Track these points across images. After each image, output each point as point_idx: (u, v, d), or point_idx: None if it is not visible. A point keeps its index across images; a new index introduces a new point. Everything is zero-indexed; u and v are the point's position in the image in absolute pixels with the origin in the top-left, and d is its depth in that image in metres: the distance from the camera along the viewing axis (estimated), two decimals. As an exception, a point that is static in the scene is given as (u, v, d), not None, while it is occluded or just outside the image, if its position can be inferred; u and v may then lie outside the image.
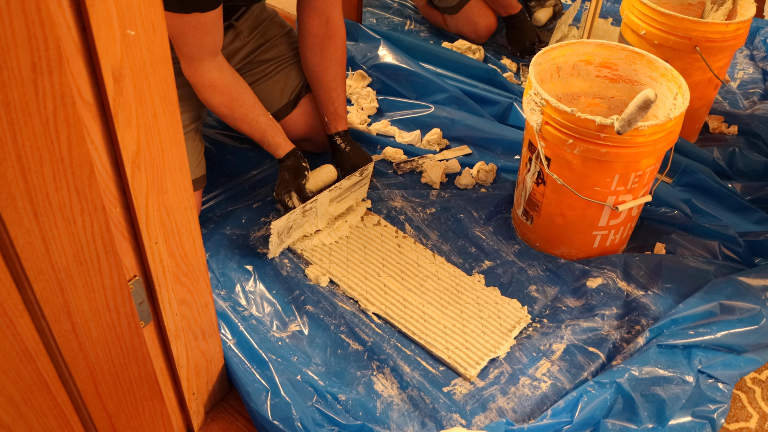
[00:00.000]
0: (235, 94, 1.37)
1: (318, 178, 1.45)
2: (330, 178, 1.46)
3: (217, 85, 1.35)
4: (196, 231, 0.88)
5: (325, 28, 1.49)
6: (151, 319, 0.88)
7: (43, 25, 0.56)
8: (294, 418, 1.04)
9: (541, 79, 1.38)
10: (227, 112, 1.38)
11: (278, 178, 1.44)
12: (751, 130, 1.77)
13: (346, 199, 1.46)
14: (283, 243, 1.38)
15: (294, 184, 1.41)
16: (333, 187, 1.39)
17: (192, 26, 1.25)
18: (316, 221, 1.41)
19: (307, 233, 1.42)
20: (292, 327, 1.25)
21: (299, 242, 1.41)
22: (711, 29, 1.54)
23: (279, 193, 1.42)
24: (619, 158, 1.22)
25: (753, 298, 1.26)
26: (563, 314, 1.30)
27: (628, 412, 1.09)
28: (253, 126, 1.41)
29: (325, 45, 1.50)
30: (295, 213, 1.34)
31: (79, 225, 0.69)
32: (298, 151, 1.44)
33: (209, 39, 1.29)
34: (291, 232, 1.37)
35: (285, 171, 1.43)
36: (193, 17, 1.24)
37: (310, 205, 1.36)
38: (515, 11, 2.10)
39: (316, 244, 1.41)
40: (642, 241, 1.49)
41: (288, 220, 1.33)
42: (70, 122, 0.63)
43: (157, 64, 0.70)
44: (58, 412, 0.82)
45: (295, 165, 1.43)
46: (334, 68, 1.52)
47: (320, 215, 1.41)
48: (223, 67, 1.36)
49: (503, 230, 1.49)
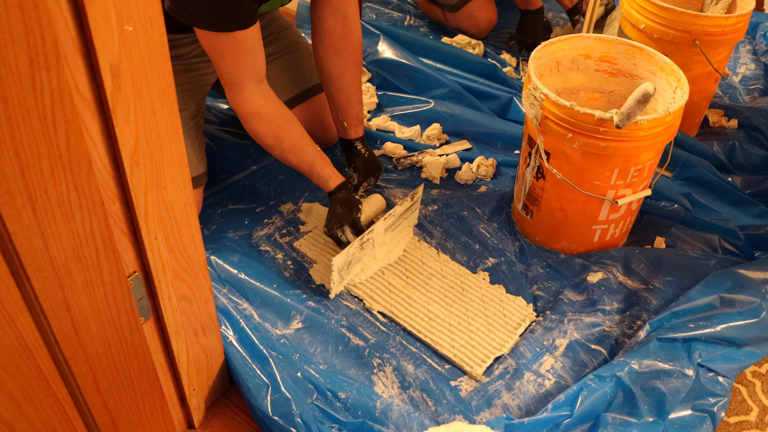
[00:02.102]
0: (282, 123, 1.30)
1: (368, 209, 1.38)
2: (380, 208, 1.40)
3: (262, 112, 1.29)
4: (196, 227, 0.88)
5: (342, 26, 1.43)
6: (150, 314, 0.88)
7: (40, 21, 0.56)
8: (294, 413, 1.04)
9: (541, 73, 1.37)
10: (274, 142, 1.31)
11: (329, 212, 1.35)
12: (751, 123, 1.77)
13: (400, 225, 1.38)
14: (343, 280, 1.30)
15: (349, 219, 1.32)
16: (387, 215, 1.30)
17: (231, 47, 1.20)
18: (373, 252, 1.34)
19: (367, 267, 1.34)
20: (293, 324, 1.25)
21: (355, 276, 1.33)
22: (710, 23, 1.53)
23: (331, 227, 1.33)
24: (619, 152, 1.22)
25: (753, 291, 1.26)
26: (566, 306, 1.30)
27: (628, 406, 1.10)
28: (302, 157, 1.33)
29: (343, 44, 1.45)
30: (353, 247, 1.26)
31: (77, 221, 0.69)
32: (348, 183, 1.37)
33: (250, 60, 1.23)
34: (350, 268, 1.29)
35: (337, 204, 1.34)
36: (232, 37, 1.19)
37: (367, 237, 1.28)
38: (534, 8, 2.09)
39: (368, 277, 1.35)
40: (642, 235, 1.49)
41: (348, 254, 1.25)
42: (68, 118, 0.63)
43: (155, 59, 0.70)
44: (58, 408, 0.83)
45: (348, 198, 1.34)
46: (352, 70, 1.47)
47: (377, 246, 1.34)
48: (268, 94, 1.30)
49: (506, 226, 1.49)
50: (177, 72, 1.37)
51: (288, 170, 1.61)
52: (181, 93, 1.38)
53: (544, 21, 2.13)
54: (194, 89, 1.41)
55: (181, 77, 1.39)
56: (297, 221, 1.48)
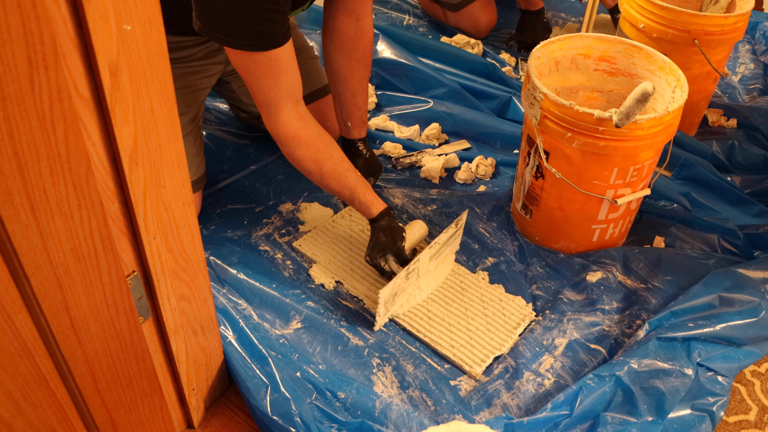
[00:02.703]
0: (321, 147, 1.25)
1: (411, 237, 1.32)
2: (423, 234, 1.36)
3: (301, 136, 1.23)
4: (195, 226, 0.88)
5: (355, 26, 1.41)
6: (150, 314, 0.88)
7: (38, 19, 0.56)
8: (293, 413, 1.04)
9: (540, 72, 1.37)
10: (314, 167, 1.25)
11: (372, 240, 1.29)
12: (750, 123, 1.77)
13: (443, 252, 1.33)
14: (388, 312, 1.25)
15: (393, 248, 1.27)
16: (432, 244, 1.26)
17: (265, 66, 1.15)
18: (418, 282, 1.28)
19: (411, 297, 1.29)
20: (293, 324, 1.25)
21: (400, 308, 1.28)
22: (709, 22, 1.53)
23: (374, 256, 1.27)
24: (618, 151, 1.22)
25: (752, 290, 1.26)
26: (565, 306, 1.30)
27: (627, 405, 1.10)
28: (342, 182, 1.27)
29: (355, 46, 1.43)
30: (399, 278, 1.21)
31: (76, 220, 0.69)
32: (391, 210, 1.30)
33: (285, 80, 1.18)
34: (395, 299, 1.24)
35: (380, 233, 1.27)
36: (265, 56, 1.14)
37: (413, 267, 1.23)
38: (536, 8, 2.10)
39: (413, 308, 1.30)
40: (641, 235, 1.49)
41: (394, 286, 1.20)
42: (66, 117, 0.63)
43: (153, 59, 0.70)
44: (57, 408, 0.83)
45: (391, 225, 1.28)
46: (361, 72, 1.46)
47: (422, 275, 1.28)
48: (305, 116, 1.25)
49: (506, 226, 1.49)
50: (179, 75, 1.36)
51: (287, 170, 1.61)
52: (182, 96, 1.37)
53: (544, 21, 2.13)
54: (195, 92, 1.40)
55: (183, 80, 1.37)
56: (296, 221, 1.48)
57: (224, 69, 1.49)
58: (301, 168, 1.26)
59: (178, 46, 1.35)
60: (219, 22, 1.11)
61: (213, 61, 1.43)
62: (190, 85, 1.38)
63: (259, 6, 1.09)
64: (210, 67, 1.44)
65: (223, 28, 1.11)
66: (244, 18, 1.09)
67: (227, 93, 1.59)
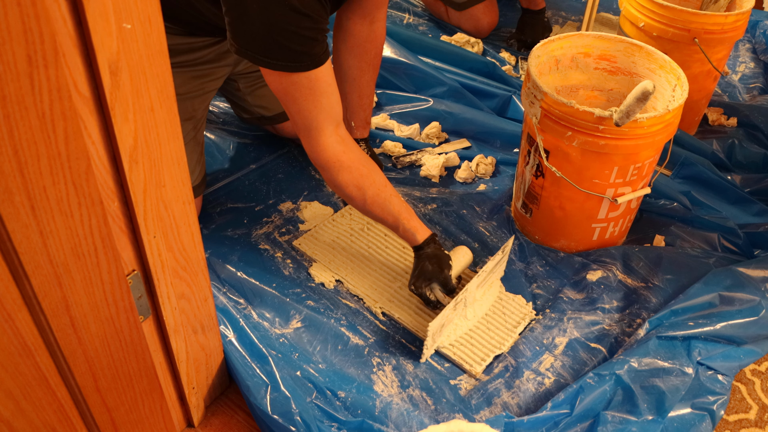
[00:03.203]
0: (364, 171, 1.20)
1: (457, 264, 1.27)
2: (468, 261, 1.31)
3: (343, 161, 1.18)
4: (195, 225, 0.88)
5: (368, 29, 1.40)
6: (150, 313, 0.88)
7: (38, 18, 0.56)
8: (294, 412, 1.04)
9: (540, 71, 1.37)
10: (356, 192, 1.20)
11: (417, 269, 1.23)
12: (751, 122, 1.77)
13: (489, 280, 1.28)
14: (435, 343, 1.21)
15: (440, 277, 1.22)
16: (480, 272, 1.21)
17: (305, 87, 1.11)
18: (464, 312, 1.24)
19: (458, 327, 1.25)
20: (293, 323, 1.24)
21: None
22: (710, 21, 1.53)
23: (419, 285, 1.22)
24: (618, 150, 1.22)
25: (752, 289, 1.26)
26: (565, 305, 1.30)
27: (627, 404, 1.09)
28: (386, 208, 1.22)
29: (367, 48, 1.41)
30: (448, 309, 1.16)
31: (76, 219, 0.69)
32: (435, 236, 1.26)
33: (325, 101, 1.14)
34: (443, 330, 1.20)
35: (426, 261, 1.22)
36: (305, 77, 1.09)
37: (461, 297, 1.19)
38: (537, 8, 2.10)
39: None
40: (641, 234, 1.49)
41: (443, 318, 1.16)
42: (66, 116, 0.63)
43: (153, 57, 0.70)
44: (57, 407, 0.82)
45: (437, 253, 1.23)
46: (370, 73, 1.45)
47: (469, 305, 1.24)
48: (347, 139, 1.20)
49: (506, 225, 1.49)
50: (188, 79, 1.34)
51: (287, 169, 1.61)
52: (190, 100, 1.35)
53: (544, 21, 2.13)
54: (203, 95, 1.38)
55: (191, 84, 1.35)
56: (296, 220, 1.48)
57: (232, 71, 1.47)
58: (343, 194, 1.22)
59: (189, 48, 1.32)
60: (257, 43, 1.07)
61: (222, 64, 1.41)
62: (198, 89, 1.37)
63: (299, 25, 1.05)
64: (219, 70, 1.42)
65: (262, 49, 1.07)
66: (285, 38, 1.05)
67: (232, 92, 1.56)
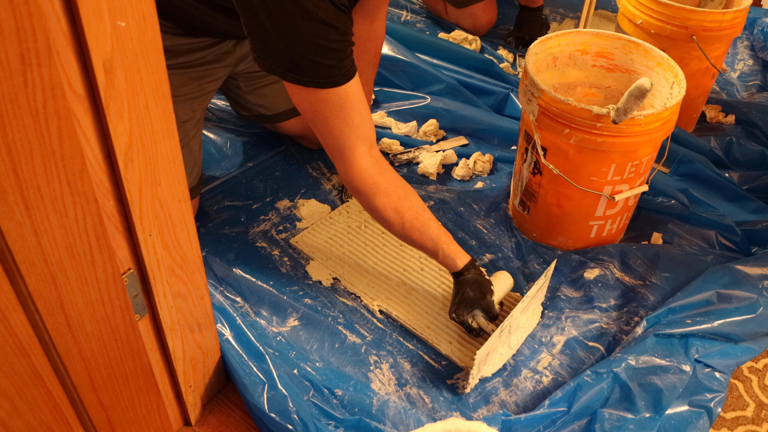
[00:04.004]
0: (401, 194, 1.14)
1: (498, 290, 1.23)
2: (509, 286, 1.27)
3: (380, 183, 1.12)
4: (191, 223, 0.88)
5: (368, 28, 1.39)
6: (146, 312, 0.88)
7: (31, 16, 0.56)
8: (291, 410, 1.04)
9: (537, 69, 1.37)
10: (395, 216, 1.14)
11: (458, 295, 1.19)
12: (749, 119, 1.77)
13: (531, 304, 1.24)
14: (480, 372, 1.17)
15: (483, 303, 1.17)
16: (524, 298, 1.17)
17: (336, 105, 1.05)
18: (508, 339, 1.20)
19: (502, 356, 1.21)
20: (290, 322, 1.24)
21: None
22: (708, 18, 1.53)
23: (460, 313, 1.18)
24: (616, 148, 1.21)
25: (750, 286, 1.26)
26: (563, 303, 1.30)
27: (625, 402, 1.09)
28: (425, 233, 1.16)
29: (366, 47, 1.40)
30: (494, 337, 1.12)
31: (71, 218, 0.69)
32: (475, 261, 1.21)
33: (357, 119, 1.08)
34: (487, 358, 1.17)
35: (467, 287, 1.18)
36: (334, 93, 1.04)
37: (506, 323, 1.14)
38: (535, 5, 2.09)
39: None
40: (639, 231, 1.49)
41: (489, 345, 1.12)
42: (60, 114, 0.62)
43: (148, 55, 0.69)
44: (53, 406, 0.82)
45: (478, 279, 1.19)
46: (369, 72, 1.44)
47: (513, 331, 1.21)
48: (381, 160, 1.14)
49: (503, 222, 1.49)
50: (187, 80, 1.33)
51: (284, 167, 1.61)
52: (189, 102, 1.34)
53: (542, 18, 2.13)
54: (202, 96, 1.37)
55: (191, 85, 1.34)
56: (293, 218, 1.48)
57: (231, 71, 1.46)
58: (380, 218, 1.16)
59: (189, 49, 1.31)
60: (285, 58, 1.01)
61: (222, 64, 1.39)
62: (198, 90, 1.36)
63: (327, 38, 1.00)
64: (218, 70, 1.40)
65: (290, 64, 1.01)
66: (313, 52, 1.00)
67: (232, 89, 1.54)
